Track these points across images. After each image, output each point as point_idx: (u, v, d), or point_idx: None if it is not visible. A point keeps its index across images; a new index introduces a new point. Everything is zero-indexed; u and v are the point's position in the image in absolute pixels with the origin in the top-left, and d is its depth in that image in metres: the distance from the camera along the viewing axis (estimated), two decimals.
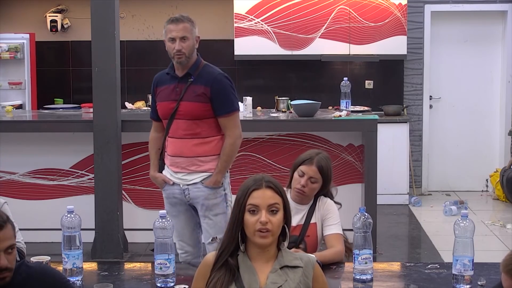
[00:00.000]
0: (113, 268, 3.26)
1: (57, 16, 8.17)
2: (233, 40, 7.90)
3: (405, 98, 8.24)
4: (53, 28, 8.15)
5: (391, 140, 7.53)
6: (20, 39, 7.93)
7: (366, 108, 7.66)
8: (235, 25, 7.87)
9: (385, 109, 7.84)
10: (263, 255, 2.43)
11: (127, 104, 7.87)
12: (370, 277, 2.97)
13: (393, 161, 7.52)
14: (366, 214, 2.99)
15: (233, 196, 2.64)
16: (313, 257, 2.55)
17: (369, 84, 8.24)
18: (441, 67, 8.29)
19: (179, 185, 4.00)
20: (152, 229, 2.93)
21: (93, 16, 5.54)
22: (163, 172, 4.10)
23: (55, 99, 8.23)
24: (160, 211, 2.95)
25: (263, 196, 2.39)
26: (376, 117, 5.96)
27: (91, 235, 5.50)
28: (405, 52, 7.87)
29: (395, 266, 3.50)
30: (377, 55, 7.83)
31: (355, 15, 7.80)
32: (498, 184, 7.75)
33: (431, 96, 8.27)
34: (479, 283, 2.87)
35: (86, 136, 5.73)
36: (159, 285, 2.91)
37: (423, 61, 8.19)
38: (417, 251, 6.22)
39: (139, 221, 5.94)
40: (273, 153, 5.93)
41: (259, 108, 6.80)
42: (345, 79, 6.27)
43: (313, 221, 3.48)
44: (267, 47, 7.85)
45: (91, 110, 5.90)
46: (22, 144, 6.01)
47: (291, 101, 6.39)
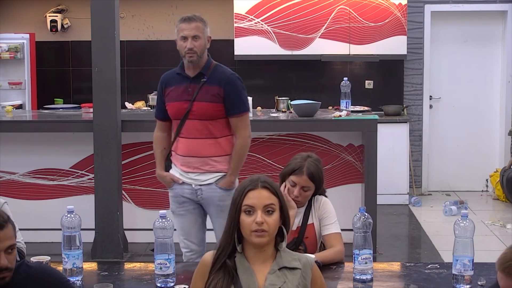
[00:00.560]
0: (113, 268, 3.26)
1: (57, 16, 8.17)
2: (233, 40, 7.90)
3: (405, 98, 8.24)
4: (53, 28, 8.15)
5: (391, 140, 7.53)
6: (20, 39, 7.93)
7: (366, 108, 7.67)
8: (235, 25, 7.87)
9: (385, 109, 7.84)
10: (260, 256, 2.42)
11: (127, 104, 7.87)
12: (370, 277, 2.97)
13: (393, 161, 7.52)
14: (366, 214, 2.99)
15: None
16: (312, 258, 2.54)
17: (369, 84, 8.24)
18: (441, 67, 8.29)
19: (191, 185, 3.99)
20: (152, 229, 2.93)
21: (93, 16, 5.54)
22: (170, 171, 4.08)
23: (55, 99, 8.23)
24: (160, 211, 2.94)
25: (258, 196, 2.38)
26: (376, 117, 5.96)
27: (91, 235, 5.50)
28: (405, 52, 7.87)
29: (395, 266, 3.50)
30: (377, 55, 7.83)
31: (355, 15, 7.80)
32: (498, 184, 7.75)
33: (431, 96, 8.28)
34: (479, 283, 2.87)
35: (86, 136, 5.73)
36: (159, 285, 2.91)
37: (423, 61, 8.19)
38: (417, 251, 6.22)
39: (139, 221, 5.95)
40: (273, 153, 5.93)
41: (259, 108, 6.81)
42: (345, 79, 6.27)
43: (310, 222, 3.47)
44: (267, 47, 7.86)
45: (91, 110, 5.90)
46: (22, 144, 6.01)
47: (291, 101, 6.38)
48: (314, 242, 3.46)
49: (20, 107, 7.76)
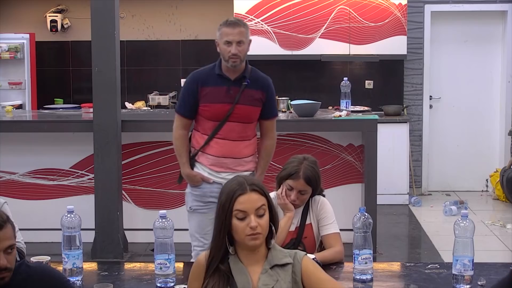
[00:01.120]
0: (113, 268, 3.26)
1: (57, 16, 8.17)
2: None
3: (405, 98, 8.24)
4: (53, 28, 8.15)
5: (391, 140, 7.52)
6: (20, 39, 7.93)
7: (366, 108, 7.66)
8: None
9: (385, 109, 7.84)
10: (253, 256, 2.42)
11: (127, 104, 7.87)
12: (370, 277, 2.96)
13: (393, 161, 7.52)
14: (366, 214, 2.99)
15: None
16: (302, 252, 2.51)
17: (369, 84, 8.24)
18: (441, 67, 8.29)
19: (221, 184, 3.94)
20: (152, 229, 2.93)
21: (93, 16, 5.54)
22: (194, 169, 4.06)
23: (55, 99, 8.23)
24: (160, 211, 2.94)
25: (249, 201, 2.37)
26: (376, 117, 5.96)
27: (91, 235, 5.50)
28: (405, 52, 7.87)
29: (395, 266, 3.50)
30: (377, 55, 7.83)
31: (355, 15, 7.80)
32: (498, 184, 7.75)
33: (431, 96, 8.27)
34: (479, 283, 2.87)
35: (86, 136, 5.73)
36: (159, 285, 2.91)
37: (423, 61, 8.19)
38: (417, 251, 6.22)
39: (139, 221, 5.94)
40: None
41: None
42: (345, 79, 6.27)
43: (308, 222, 3.47)
44: (267, 47, 7.85)
45: (91, 110, 5.90)
46: (22, 144, 6.01)
47: (291, 101, 6.38)
48: (312, 242, 3.46)
49: (20, 107, 7.76)
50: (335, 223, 3.46)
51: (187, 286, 2.54)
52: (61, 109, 7.49)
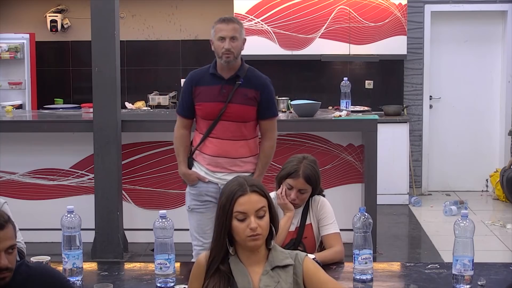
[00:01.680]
0: (113, 268, 3.26)
1: (57, 16, 8.17)
2: None
3: (405, 98, 8.24)
4: (53, 28, 8.15)
5: (391, 140, 7.53)
6: (20, 39, 7.93)
7: (366, 108, 7.66)
8: None
9: (385, 109, 7.84)
10: (253, 257, 2.42)
11: (127, 104, 7.87)
12: (370, 277, 2.96)
13: (393, 161, 7.52)
14: (366, 214, 2.99)
15: None
16: (303, 253, 2.51)
17: (369, 84, 8.24)
18: (441, 67, 8.29)
19: (217, 184, 4.00)
20: (152, 229, 2.93)
21: (93, 16, 5.54)
22: (192, 169, 4.08)
23: (55, 99, 8.23)
24: (160, 211, 2.94)
25: (249, 202, 2.37)
26: (376, 117, 5.96)
27: (91, 235, 5.50)
28: (405, 52, 7.87)
29: (395, 266, 3.50)
30: (377, 55, 7.83)
31: (355, 15, 7.80)
32: (498, 184, 7.75)
33: (431, 96, 8.27)
34: (479, 283, 2.87)
35: (86, 136, 5.73)
36: (159, 285, 2.91)
37: (423, 61, 8.19)
38: (417, 251, 6.22)
39: (139, 221, 5.94)
40: None
41: None
42: (345, 79, 6.27)
43: (308, 222, 3.47)
44: (267, 47, 7.85)
45: (91, 110, 5.90)
46: (22, 144, 6.01)
47: (291, 101, 6.38)
48: (312, 242, 3.46)
49: (20, 107, 7.76)
50: (335, 223, 3.46)
51: (187, 286, 2.54)
52: (61, 109, 7.49)
